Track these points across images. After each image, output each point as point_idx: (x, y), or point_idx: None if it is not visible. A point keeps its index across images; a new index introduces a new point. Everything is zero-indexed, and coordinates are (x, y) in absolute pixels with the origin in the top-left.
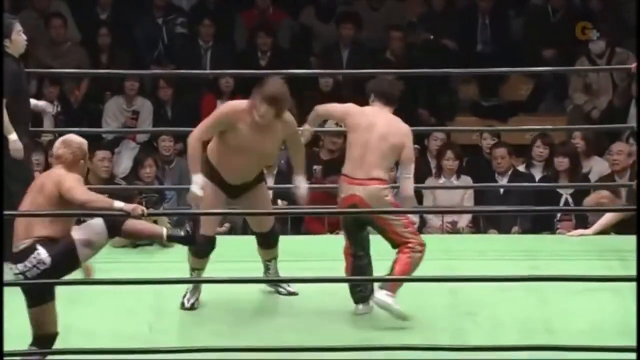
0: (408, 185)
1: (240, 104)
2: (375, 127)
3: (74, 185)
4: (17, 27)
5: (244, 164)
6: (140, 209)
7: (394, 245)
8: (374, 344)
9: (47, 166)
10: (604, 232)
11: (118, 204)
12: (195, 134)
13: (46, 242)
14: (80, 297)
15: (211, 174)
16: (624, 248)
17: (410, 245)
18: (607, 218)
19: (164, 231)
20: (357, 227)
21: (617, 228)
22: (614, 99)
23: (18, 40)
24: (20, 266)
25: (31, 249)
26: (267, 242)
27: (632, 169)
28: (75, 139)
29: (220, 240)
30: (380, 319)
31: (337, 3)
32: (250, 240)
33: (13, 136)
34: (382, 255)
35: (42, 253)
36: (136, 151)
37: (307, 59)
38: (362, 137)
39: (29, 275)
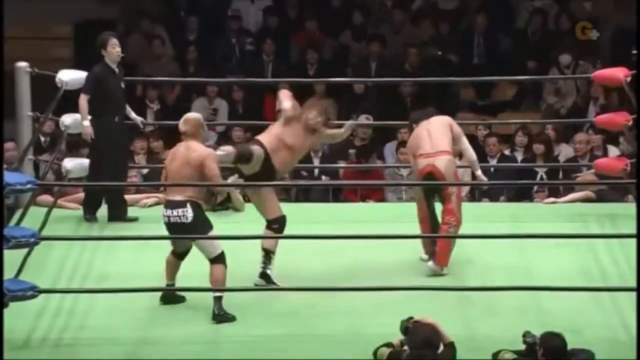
0: (470, 152)
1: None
2: (428, 124)
3: (212, 164)
4: (112, 41)
5: (294, 158)
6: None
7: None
8: (396, 285)
9: (149, 149)
10: (571, 202)
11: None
12: None
13: (194, 203)
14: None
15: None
16: (585, 213)
17: (447, 222)
18: (577, 193)
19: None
20: (430, 192)
21: (583, 201)
22: (577, 100)
23: (112, 52)
24: (169, 212)
25: (183, 203)
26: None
27: (591, 153)
28: (192, 115)
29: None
30: (402, 268)
31: (367, 27)
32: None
33: (85, 122)
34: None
35: (189, 212)
36: (215, 139)
37: (345, 70)
38: (424, 132)
39: (172, 220)
